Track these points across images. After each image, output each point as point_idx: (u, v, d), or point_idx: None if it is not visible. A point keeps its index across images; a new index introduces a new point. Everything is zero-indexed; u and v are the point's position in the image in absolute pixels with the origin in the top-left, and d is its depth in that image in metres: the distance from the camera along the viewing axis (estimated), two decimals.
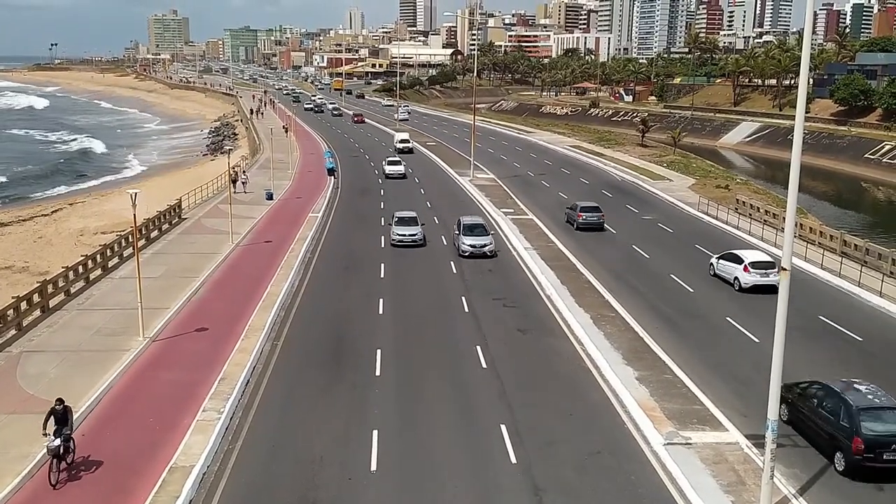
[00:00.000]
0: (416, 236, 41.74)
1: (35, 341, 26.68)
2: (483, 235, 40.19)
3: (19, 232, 55.39)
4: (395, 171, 66.18)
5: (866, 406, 19.04)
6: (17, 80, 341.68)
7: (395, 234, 41.71)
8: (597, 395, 23.54)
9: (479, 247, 39.32)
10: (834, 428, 19.28)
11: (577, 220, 46.72)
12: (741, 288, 34.02)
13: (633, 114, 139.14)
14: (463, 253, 39.24)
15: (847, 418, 18.96)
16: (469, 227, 40.87)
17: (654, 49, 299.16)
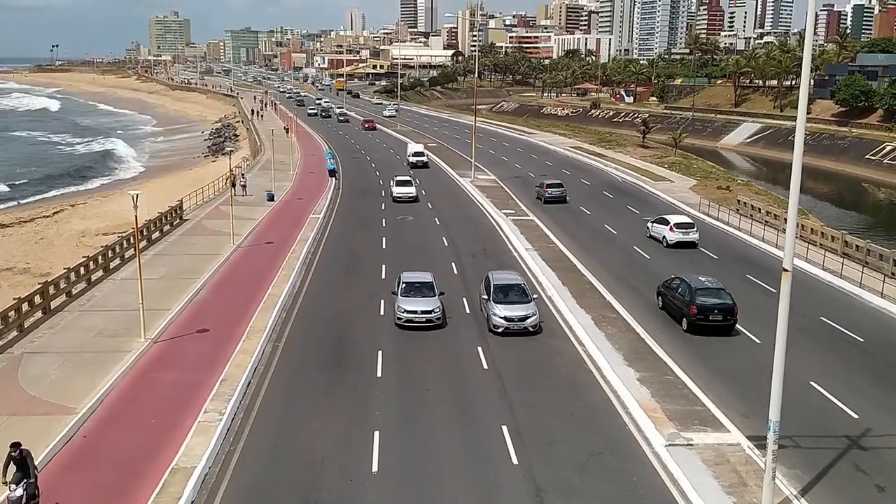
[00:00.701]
0: (433, 314, 28.64)
1: (37, 343, 26.69)
2: (523, 301, 28.43)
3: (20, 233, 55.43)
4: (405, 194, 55.82)
5: (700, 287, 29.04)
6: (18, 81, 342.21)
7: (401, 308, 28.68)
8: (598, 395, 23.54)
9: (517, 319, 27.67)
10: (682, 303, 29.21)
11: (543, 195, 56.40)
12: (668, 244, 42.08)
13: (633, 115, 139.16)
14: (495, 328, 27.88)
15: (689, 295, 28.80)
16: (502, 288, 28.98)
17: (654, 50, 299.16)
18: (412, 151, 75.61)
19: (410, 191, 56.32)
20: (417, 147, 77.74)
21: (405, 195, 55.74)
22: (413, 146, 77.99)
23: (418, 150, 76.39)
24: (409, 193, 55.95)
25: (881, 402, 23.23)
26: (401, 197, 55.57)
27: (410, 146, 78.33)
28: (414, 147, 77.54)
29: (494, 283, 29.31)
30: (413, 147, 77.57)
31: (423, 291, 29.31)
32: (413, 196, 55.77)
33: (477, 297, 32.51)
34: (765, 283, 35.03)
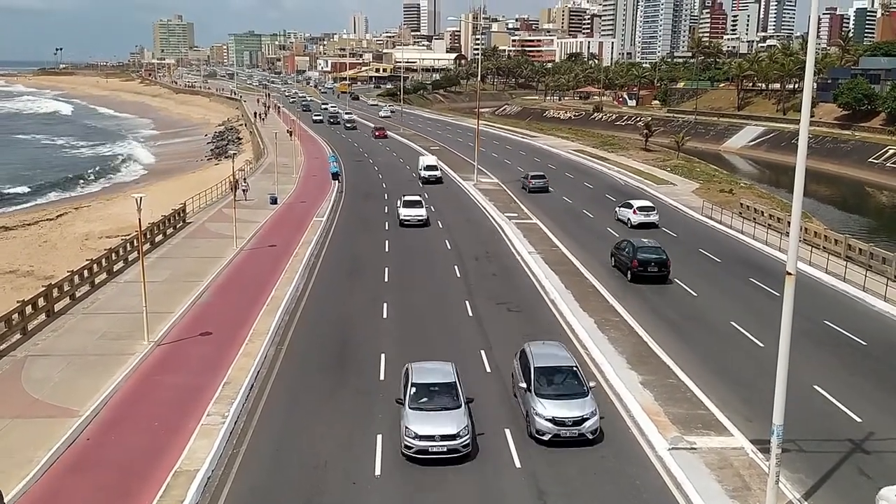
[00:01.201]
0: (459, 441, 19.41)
1: (40, 345, 26.73)
2: (578, 394, 20.90)
3: (24, 236, 55.56)
4: (414, 217, 47.79)
5: (641, 246, 36.66)
6: (23, 84, 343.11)
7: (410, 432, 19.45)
8: (601, 399, 23.44)
9: (572, 423, 20.11)
10: (627, 258, 36.45)
11: (528, 185, 62.13)
12: (631, 226, 47.62)
13: (636, 118, 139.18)
14: (539, 434, 20.29)
15: (632, 252, 36.11)
16: (547, 372, 21.56)
17: (657, 53, 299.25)
18: (424, 165, 67.67)
19: (420, 213, 48.20)
20: (430, 160, 69.77)
21: (414, 218, 47.75)
22: (425, 159, 69.98)
23: (431, 163, 68.44)
24: (418, 216, 47.95)
25: (884, 406, 23.19)
26: (409, 220, 47.65)
27: (422, 159, 70.10)
28: (426, 160, 69.58)
29: (536, 366, 21.55)
30: (425, 160, 69.57)
31: (440, 395, 20.52)
32: (423, 219, 47.88)
33: (478, 299, 32.51)
34: (768, 286, 34.99)
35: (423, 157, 71.20)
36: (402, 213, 48.28)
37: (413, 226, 47.49)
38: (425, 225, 47.69)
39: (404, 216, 48.06)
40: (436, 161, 70.14)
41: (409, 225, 47.54)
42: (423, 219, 48.03)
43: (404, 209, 48.57)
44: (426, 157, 71.09)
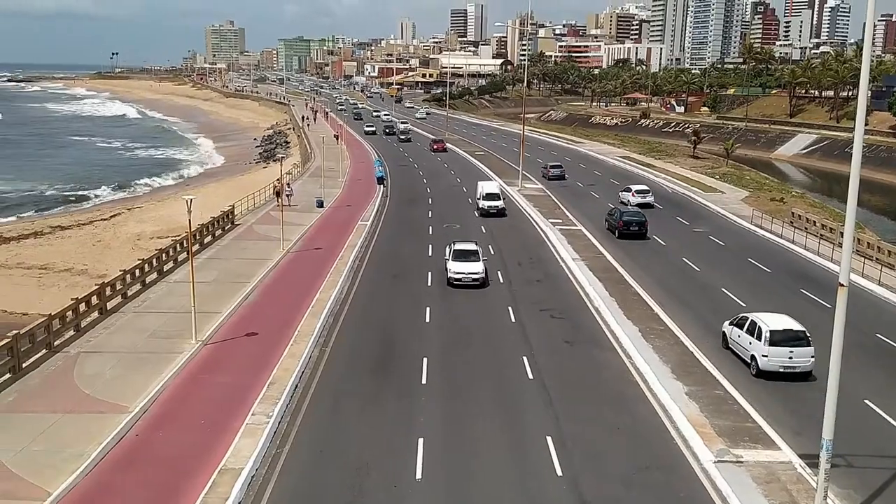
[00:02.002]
0: None
1: (92, 342, 27.41)
2: None
3: (79, 235, 57.10)
4: (466, 275, 35.29)
5: (625, 211, 47.73)
6: (80, 87, 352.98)
7: None
8: (645, 409, 23.25)
9: None
10: (616, 221, 46.70)
11: (548, 174, 70.27)
12: (631, 205, 54.11)
13: (684, 125, 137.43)
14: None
15: (619, 216, 46.71)
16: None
17: (707, 59, 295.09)
18: (484, 192, 54.60)
19: (475, 270, 35.31)
20: (492, 186, 56.64)
21: (467, 276, 35.14)
22: (486, 185, 56.54)
23: (493, 190, 55.19)
24: (473, 274, 35.17)
25: None
26: (460, 279, 35.09)
27: (482, 186, 56.20)
28: (487, 186, 56.18)
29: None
30: (486, 186, 56.00)
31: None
32: (479, 278, 35.28)
33: (521, 306, 32.57)
34: (819, 297, 34.24)
35: (483, 183, 56.94)
36: (453, 270, 35.41)
37: (467, 286, 34.93)
38: (483, 285, 35.23)
39: (455, 273, 35.26)
40: (499, 188, 57.21)
41: (461, 284, 34.99)
42: (480, 277, 35.06)
43: (455, 263, 35.72)
44: (487, 183, 57.45)
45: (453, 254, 36.58)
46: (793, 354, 24.99)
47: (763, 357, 25.21)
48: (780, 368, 25.15)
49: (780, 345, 25.06)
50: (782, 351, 25.06)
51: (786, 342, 25.13)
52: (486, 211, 53.42)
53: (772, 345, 25.05)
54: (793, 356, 24.99)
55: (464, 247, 37.38)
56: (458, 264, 35.78)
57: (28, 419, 21.22)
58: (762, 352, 25.20)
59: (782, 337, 25.19)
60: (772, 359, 25.09)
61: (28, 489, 17.83)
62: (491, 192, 55.00)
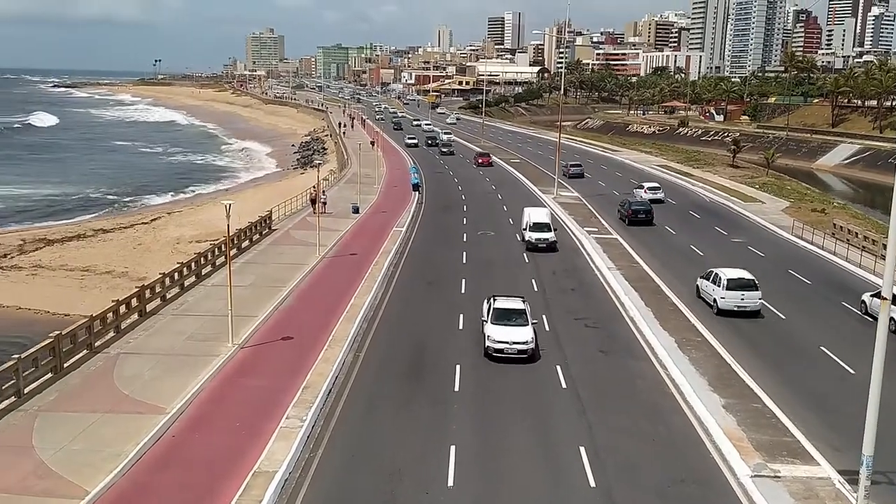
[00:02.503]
0: None
1: (132, 344, 27.88)
2: None
3: (120, 238, 58.16)
4: (510, 344, 26.90)
5: (634, 201, 55.60)
6: (124, 93, 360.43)
7: None
8: (680, 420, 22.97)
9: None
10: (626, 210, 54.22)
11: (568, 171, 74.96)
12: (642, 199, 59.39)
13: (723, 133, 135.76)
14: None
15: (629, 206, 54.18)
16: None
17: (747, 68, 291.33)
18: (532, 222, 45.39)
19: (521, 337, 26.94)
20: (541, 214, 47.10)
21: (511, 345, 26.76)
22: (533, 212, 46.93)
23: (542, 219, 45.96)
24: (518, 343, 26.75)
25: None
26: (503, 348, 26.88)
27: (529, 213, 46.62)
28: (535, 214, 46.66)
29: None
30: (534, 214, 46.58)
31: None
32: (527, 348, 26.95)
33: (555, 314, 32.36)
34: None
35: (530, 211, 47.24)
36: (493, 338, 26.92)
37: (510, 360, 26.55)
38: (530, 360, 26.91)
39: (495, 343, 26.75)
40: (549, 215, 48.31)
41: (503, 359, 26.61)
42: (528, 349, 26.75)
43: (495, 328, 27.20)
44: (535, 211, 47.64)
45: (493, 314, 27.75)
46: (744, 297, 32.37)
47: (721, 298, 32.65)
48: (734, 307, 32.39)
49: (735, 289, 32.46)
50: (736, 294, 32.45)
51: (739, 287, 32.52)
52: (535, 245, 44.38)
53: (728, 290, 32.52)
54: (744, 298, 32.36)
55: (507, 305, 28.26)
56: (499, 329, 26.82)
57: (68, 418, 21.65)
58: (721, 295, 32.66)
59: (736, 284, 32.60)
60: (728, 300, 32.48)
61: (67, 487, 18.18)
62: (540, 222, 45.53)
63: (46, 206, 77.43)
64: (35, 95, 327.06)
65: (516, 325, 27.55)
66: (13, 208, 75.56)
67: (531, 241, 44.86)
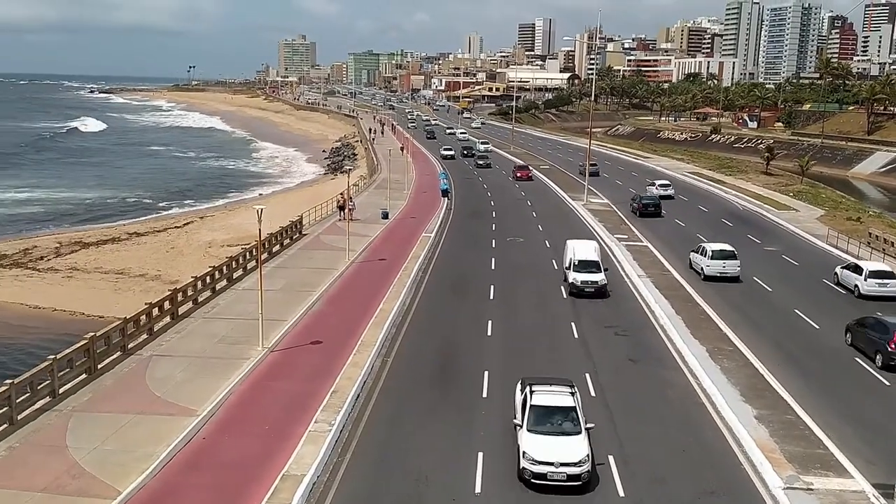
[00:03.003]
0: None
1: (164, 346, 28.22)
2: None
3: (154, 242, 58.99)
4: (557, 468, 19.05)
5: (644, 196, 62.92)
6: (159, 98, 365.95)
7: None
8: (711, 431, 22.68)
9: None
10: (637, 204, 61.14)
11: (584, 171, 72.16)
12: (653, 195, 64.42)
13: (757, 141, 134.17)
14: None
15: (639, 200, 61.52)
16: None
17: (781, 74, 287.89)
18: (577, 259, 37.00)
19: (570, 452, 19.47)
20: (587, 249, 38.18)
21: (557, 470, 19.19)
22: (578, 247, 38.32)
23: (590, 256, 37.30)
24: (567, 466, 19.23)
25: None
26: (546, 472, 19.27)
27: (574, 248, 38.14)
28: (581, 249, 38.01)
29: None
30: (579, 249, 38.01)
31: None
32: (580, 474, 19.29)
33: (584, 322, 32.19)
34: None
35: (574, 244, 38.57)
36: (532, 453, 19.55)
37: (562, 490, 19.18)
38: (582, 489, 19.37)
39: (533, 464, 19.42)
40: (598, 251, 38.43)
41: (551, 488, 19.28)
42: (582, 474, 19.28)
43: (534, 437, 19.96)
44: (580, 244, 38.78)
45: (531, 415, 20.40)
46: (725, 265, 39.61)
47: (707, 266, 39.90)
48: (717, 273, 39.46)
49: (718, 259, 39.77)
50: (719, 263, 39.66)
51: (721, 257, 39.81)
52: (580, 289, 35.54)
53: (712, 259, 39.84)
54: (725, 266, 39.59)
55: (550, 400, 20.86)
56: (538, 439, 19.72)
57: (101, 419, 21.97)
58: (707, 264, 39.96)
59: (719, 254, 40.02)
60: (712, 268, 39.67)
61: (100, 487, 18.43)
62: (587, 260, 36.71)
63: (84, 210, 78.97)
64: (76, 101, 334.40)
65: (562, 430, 19.95)
66: (53, 212, 77.17)
67: (575, 284, 35.71)
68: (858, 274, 37.41)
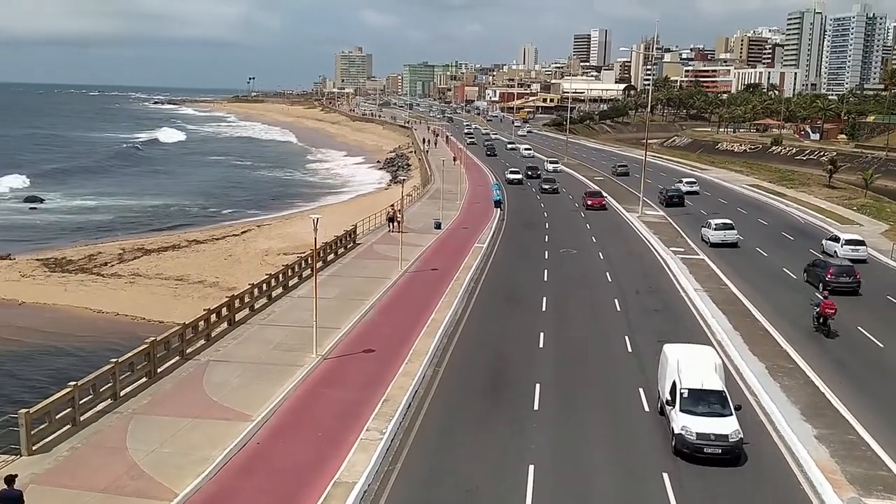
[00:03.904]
0: None
1: (221, 352, 28.78)
2: None
3: (212, 249, 60.26)
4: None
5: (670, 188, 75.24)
6: (220, 109, 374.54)
7: None
8: (770, 450, 22.10)
9: None
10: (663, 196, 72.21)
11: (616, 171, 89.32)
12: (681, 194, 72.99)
13: (819, 153, 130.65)
14: None
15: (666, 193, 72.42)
16: None
17: (845, 85, 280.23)
18: (690, 385, 22.20)
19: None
20: (706, 373, 22.70)
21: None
22: (688, 362, 23.23)
23: (711, 383, 22.33)
24: None
25: None
26: None
27: (678, 363, 23.12)
28: (693, 369, 22.76)
29: None
30: (691, 368, 22.86)
31: None
32: None
33: (638, 335, 31.74)
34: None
35: (678, 353, 24.05)
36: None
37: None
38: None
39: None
40: (720, 370, 23.56)
41: None
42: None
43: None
44: (689, 355, 24.09)
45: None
46: (726, 235, 52.11)
47: (712, 236, 52.43)
48: (720, 241, 51.79)
49: (720, 230, 52.47)
50: (720, 233, 52.24)
51: (723, 228, 52.60)
52: (696, 449, 21.15)
53: (715, 230, 52.54)
54: (726, 235, 52.09)
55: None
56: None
57: (160, 422, 22.50)
58: (711, 234, 52.63)
59: (721, 227, 52.67)
60: (716, 237, 52.26)
61: (157, 489, 18.86)
62: (706, 389, 22.28)
63: (149, 218, 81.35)
64: (148, 112, 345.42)
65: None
66: (120, 220, 79.69)
67: (687, 439, 21.19)
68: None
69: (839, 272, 39.99)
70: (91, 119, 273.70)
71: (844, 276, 39.80)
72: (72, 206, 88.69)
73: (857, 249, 47.08)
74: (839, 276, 39.70)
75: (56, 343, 39.27)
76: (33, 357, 37.76)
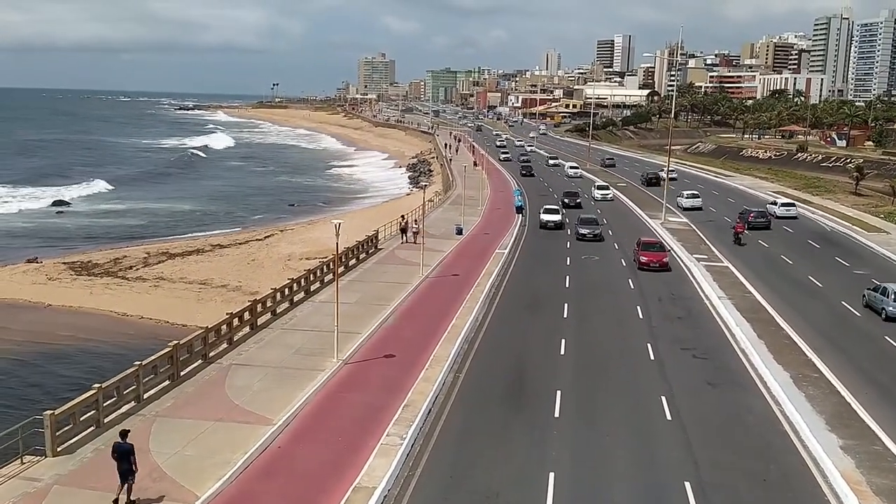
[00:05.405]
0: None
1: (243, 356, 28.95)
2: None
3: (236, 254, 60.76)
4: None
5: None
6: (244, 116, 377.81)
7: None
8: (794, 460, 21.81)
9: None
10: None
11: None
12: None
13: (846, 160, 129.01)
14: None
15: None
16: None
17: (872, 91, 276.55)
18: None
19: None
20: None
21: None
22: None
23: None
24: None
25: None
26: None
27: None
28: None
29: None
30: None
31: None
32: None
33: (661, 343, 31.47)
34: None
35: None
36: None
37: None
38: None
39: None
40: None
41: None
42: None
43: None
44: None
45: None
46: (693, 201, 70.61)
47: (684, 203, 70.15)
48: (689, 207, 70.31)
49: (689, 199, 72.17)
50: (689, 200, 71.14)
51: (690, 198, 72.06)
52: None
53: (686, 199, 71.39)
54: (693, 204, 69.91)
55: None
56: None
57: (182, 424, 22.67)
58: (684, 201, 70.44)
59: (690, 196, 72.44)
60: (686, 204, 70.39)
61: (179, 491, 18.99)
62: None
63: (175, 222, 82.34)
64: (181, 118, 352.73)
65: None
66: (150, 224, 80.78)
67: None
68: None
69: (758, 216, 62.36)
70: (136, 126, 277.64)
71: (762, 219, 61.70)
72: (98, 209, 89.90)
73: (789, 209, 67.21)
74: (758, 218, 61.68)
75: (81, 345, 39.81)
76: (59, 359, 38.31)
